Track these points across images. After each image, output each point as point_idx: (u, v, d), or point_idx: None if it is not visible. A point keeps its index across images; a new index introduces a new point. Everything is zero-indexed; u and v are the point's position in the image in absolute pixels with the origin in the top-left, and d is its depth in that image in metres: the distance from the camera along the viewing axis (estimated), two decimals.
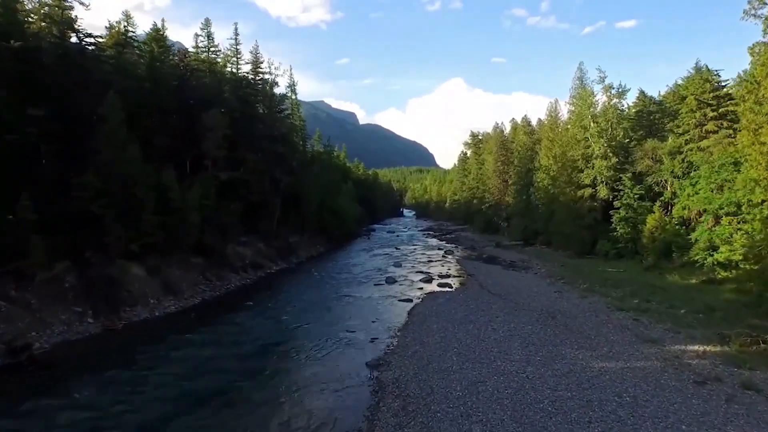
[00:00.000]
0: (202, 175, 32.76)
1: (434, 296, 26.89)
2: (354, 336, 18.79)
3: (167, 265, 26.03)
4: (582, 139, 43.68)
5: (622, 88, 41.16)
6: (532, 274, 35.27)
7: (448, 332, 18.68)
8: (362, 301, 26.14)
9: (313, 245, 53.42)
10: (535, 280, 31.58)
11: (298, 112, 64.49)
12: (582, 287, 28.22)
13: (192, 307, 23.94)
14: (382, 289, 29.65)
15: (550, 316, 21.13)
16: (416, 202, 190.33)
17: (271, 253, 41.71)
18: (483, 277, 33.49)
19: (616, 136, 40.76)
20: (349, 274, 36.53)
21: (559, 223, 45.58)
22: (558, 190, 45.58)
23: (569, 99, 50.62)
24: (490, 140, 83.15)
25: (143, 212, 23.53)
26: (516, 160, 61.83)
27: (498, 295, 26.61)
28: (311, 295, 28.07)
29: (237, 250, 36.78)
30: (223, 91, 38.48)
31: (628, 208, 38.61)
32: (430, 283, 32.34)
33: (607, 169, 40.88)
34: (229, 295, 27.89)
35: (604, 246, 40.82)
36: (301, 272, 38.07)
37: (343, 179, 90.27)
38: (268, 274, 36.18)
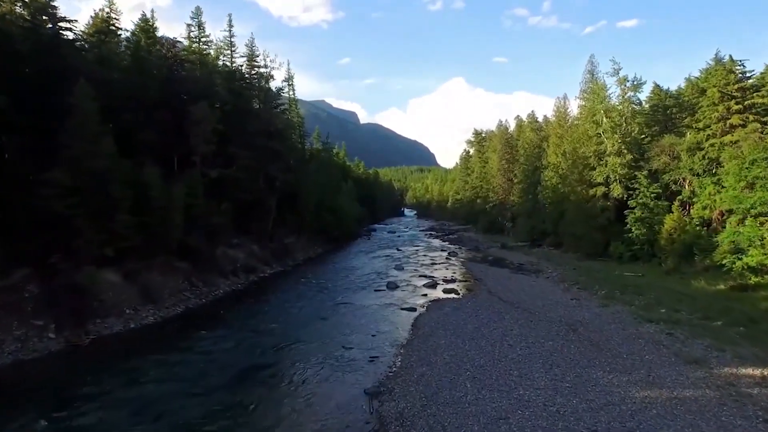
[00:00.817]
0: (191, 173, 30.50)
1: (440, 304, 24.61)
2: (351, 354, 16.50)
3: (147, 270, 23.78)
4: (594, 135, 41.38)
5: (637, 81, 38.85)
6: (543, 278, 32.98)
7: (458, 349, 16.40)
8: (361, 310, 23.85)
9: (310, 246, 51.16)
10: (548, 286, 29.29)
11: (295, 108, 62.33)
12: (600, 293, 25.96)
13: (173, 317, 21.68)
14: (382, 296, 27.38)
15: (571, 328, 18.85)
16: (417, 202, 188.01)
17: (265, 256, 39.45)
18: (491, 282, 31.20)
19: (631, 132, 38.46)
20: (347, 279, 34.26)
21: (570, 223, 43.27)
22: (568, 188, 43.28)
23: (579, 93, 48.44)
24: (494, 138, 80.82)
25: (119, 212, 21.28)
26: (522, 157, 59.50)
27: (510, 303, 24.32)
28: (306, 302, 25.81)
29: (228, 253, 34.53)
30: (215, 83, 36.22)
31: (643, 208, 36.28)
32: (434, 288, 30.06)
33: (621, 167, 38.57)
34: (216, 302, 25.63)
35: (617, 248, 38.49)
36: (297, 276, 35.80)
37: (342, 178, 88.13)
38: (261, 279, 33.92)
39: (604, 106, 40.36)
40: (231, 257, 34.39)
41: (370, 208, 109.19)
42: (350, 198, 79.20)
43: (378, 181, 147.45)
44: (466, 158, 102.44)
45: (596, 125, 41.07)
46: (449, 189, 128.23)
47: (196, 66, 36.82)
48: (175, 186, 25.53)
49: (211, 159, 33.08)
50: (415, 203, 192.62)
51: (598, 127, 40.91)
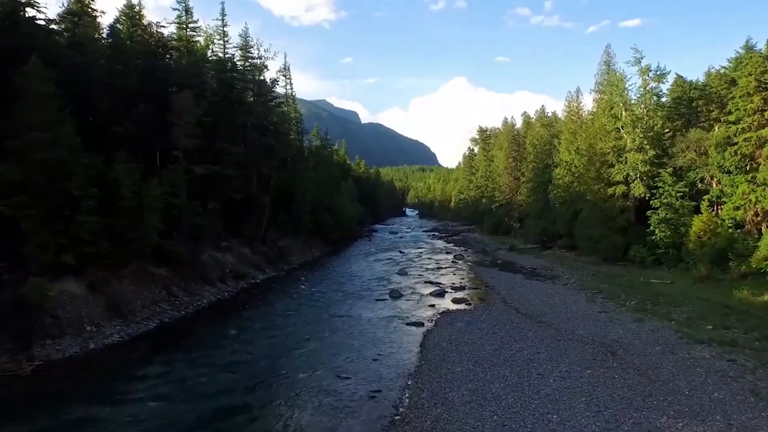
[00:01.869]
0: (173, 169, 27.60)
1: (450, 318, 21.66)
2: (347, 387, 13.54)
3: (117, 279, 20.87)
4: (612, 129, 38.37)
5: (660, 71, 35.87)
6: (560, 285, 30.02)
7: (477, 381, 13.46)
8: (360, 324, 20.91)
9: (307, 249, 48.26)
10: (568, 295, 26.32)
11: (293, 103, 59.44)
12: (629, 304, 23.00)
13: (143, 335, 18.75)
14: (385, 307, 24.45)
15: (609, 351, 15.91)
16: (419, 202, 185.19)
17: (257, 260, 36.55)
18: (505, 290, 28.25)
19: (654, 126, 35.46)
20: (345, 286, 31.32)
21: (585, 224, 40.30)
22: (584, 187, 40.30)
23: (594, 86, 45.55)
24: (501, 135, 77.85)
25: (80, 213, 18.38)
26: (532, 155, 56.49)
27: (529, 317, 21.38)
28: (298, 315, 22.89)
29: (215, 257, 31.62)
30: (203, 73, 33.26)
31: (668, 208, 33.31)
32: (442, 297, 27.11)
33: (643, 164, 35.57)
34: (197, 315, 22.72)
35: (639, 251, 35.52)
36: (291, 282, 32.89)
37: (342, 176, 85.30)
38: (251, 285, 31.00)
39: (623, 99, 37.38)
40: (219, 262, 31.49)
41: (371, 208, 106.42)
42: (350, 197, 76.34)
43: (379, 180, 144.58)
44: (470, 157, 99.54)
45: (615, 119, 38.07)
46: (452, 188, 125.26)
47: (183, 54, 33.91)
48: (149, 184, 22.56)
49: (196, 154, 30.16)
50: (417, 203, 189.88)
51: (617, 121, 37.92)
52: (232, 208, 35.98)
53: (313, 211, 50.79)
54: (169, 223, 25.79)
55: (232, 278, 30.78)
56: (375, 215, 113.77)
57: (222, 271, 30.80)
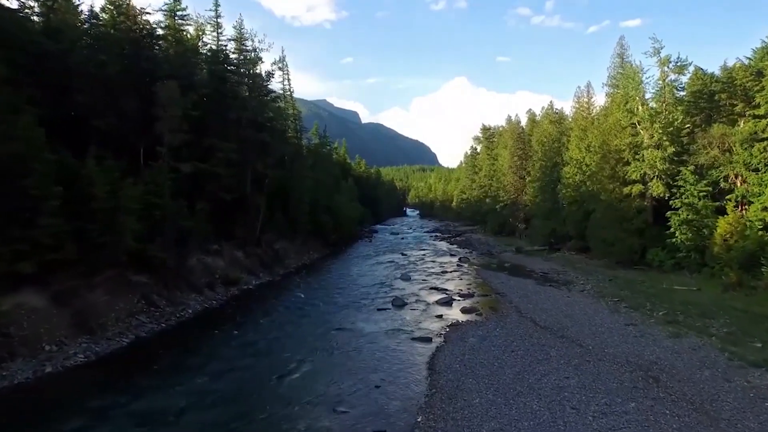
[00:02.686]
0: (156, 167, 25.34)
1: (461, 332, 19.38)
2: (344, 425, 11.27)
3: (88, 289, 18.62)
4: (628, 125, 36.11)
5: (681, 62, 33.57)
6: (577, 292, 27.77)
7: (501, 417, 11.20)
8: (360, 341, 18.64)
9: (305, 251, 46.00)
10: (587, 303, 24.06)
11: (291, 99, 57.23)
12: (658, 315, 20.79)
13: (114, 354, 16.47)
14: (387, 318, 22.18)
15: (650, 376, 13.66)
16: (420, 201, 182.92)
17: (250, 264, 34.30)
18: (517, 298, 25.99)
19: (674, 121, 33.17)
20: (344, 292, 29.06)
21: (599, 226, 38.02)
22: (597, 186, 38.03)
23: (607, 80, 43.31)
24: (505, 133, 75.60)
25: (42, 215, 16.13)
26: (539, 152, 54.20)
27: (550, 330, 19.12)
28: (290, 328, 20.62)
29: (205, 262, 29.37)
30: (192, 64, 30.97)
31: (690, 209, 31.09)
32: (450, 306, 24.85)
33: (662, 161, 33.30)
34: (178, 328, 20.44)
35: (657, 255, 33.29)
36: (286, 288, 30.64)
37: (342, 176, 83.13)
38: (243, 292, 28.75)
39: (639, 92, 35.12)
40: (208, 267, 29.24)
41: (371, 208, 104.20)
42: (350, 197, 74.09)
43: (380, 179, 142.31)
44: (473, 155, 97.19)
45: (630, 114, 35.80)
46: (454, 188, 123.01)
47: (170, 44, 31.65)
48: (129, 182, 20.28)
49: (184, 151, 27.91)
50: (418, 203, 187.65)
51: (633, 117, 35.66)
52: (224, 208, 33.74)
53: (312, 211, 48.56)
54: (152, 225, 23.54)
55: (222, 284, 28.53)
56: (375, 215, 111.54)
57: (211, 277, 28.56)
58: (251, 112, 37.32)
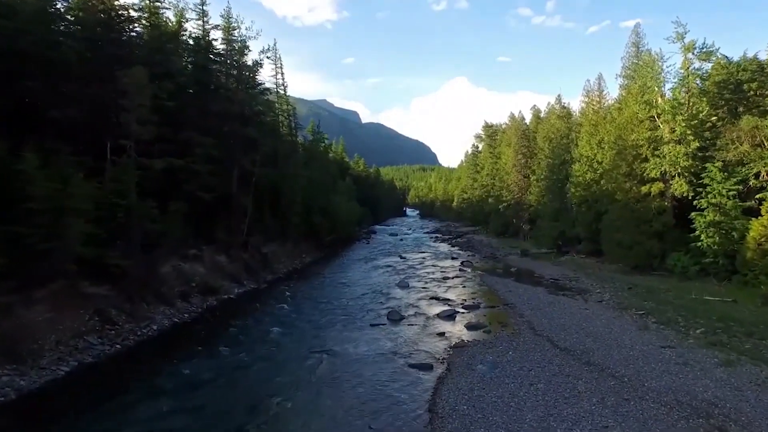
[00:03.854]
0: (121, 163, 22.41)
1: (467, 356, 16.41)
2: None
3: (25, 304, 15.69)
4: (646, 118, 33.14)
5: (707, 48, 30.59)
6: (594, 302, 24.84)
7: None
8: (348, 368, 15.68)
9: (297, 255, 43.09)
10: (610, 317, 21.08)
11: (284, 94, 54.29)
12: (695, 334, 17.83)
13: (45, 387, 13.49)
14: (381, 337, 19.25)
15: (716, 428, 10.70)
16: (420, 201, 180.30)
17: (234, 270, 31.36)
18: (529, 310, 23.05)
19: (698, 113, 30.21)
20: (335, 303, 26.13)
21: (613, 228, 35.05)
22: (612, 185, 35.08)
23: (621, 71, 40.30)
24: (508, 131, 72.61)
25: None
26: (546, 150, 51.23)
27: (572, 354, 16.17)
28: (265, 350, 17.67)
29: (181, 269, 26.45)
30: (169, 50, 28.01)
31: (717, 210, 28.14)
32: (453, 320, 21.91)
33: (685, 157, 30.35)
34: (135, 349, 17.48)
35: (679, 260, 30.28)
36: (271, 297, 27.69)
37: (340, 175, 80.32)
38: (222, 303, 25.82)
39: (660, 82, 32.17)
40: (185, 274, 26.32)
41: (370, 208, 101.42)
42: (348, 197, 71.24)
43: (379, 179, 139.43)
44: (475, 154, 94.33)
45: (648, 106, 32.84)
46: (454, 188, 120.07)
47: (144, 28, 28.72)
48: (77, 179, 17.32)
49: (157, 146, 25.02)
50: (418, 203, 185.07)
51: (652, 109, 32.70)
52: (206, 209, 30.83)
53: (305, 212, 45.68)
54: (114, 229, 20.64)
55: (198, 294, 25.59)
56: (375, 215, 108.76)
57: (187, 286, 25.62)
58: (237, 105, 34.47)
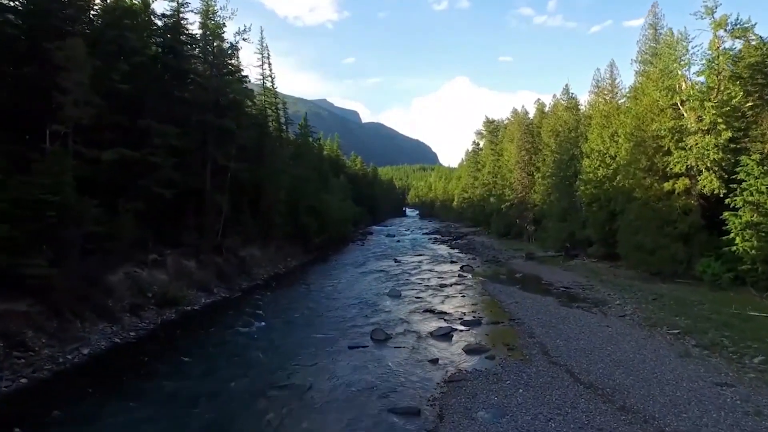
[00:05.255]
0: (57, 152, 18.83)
1: (465, 395, 12.74)
2: None
3: None
4: (668, 106, 29.47)
5: (740, 24, 26.93)
6: (615, 316, 21.23)
7: None
8: (306, 415, 12.06)
9: (281, 258, 39.49)
10: (639, 339, 17.42)
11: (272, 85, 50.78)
12: (754, 363, 14.18)
13: None
14: (359, 364, 15.62)
15: None
16: (420, 201, 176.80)
17: (204, 277, 27.78)
18: (540, 328, 19.40)
19: (731, 99, 26.56)
20: (314, 316, 22.53)
21: (631, 229, 31.41)
22: (630, 181, 31.45)
23: (637, 55, 36.62)
24: (511, 126, 69.04)
25: None
26: (553, 145, 47.58)
27: (601, 393, 12.52)
28: (213, 384, 14.04)
29: (137, 277, 22.86)
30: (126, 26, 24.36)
31: (755, 209, 24.46)
32: (449, 341, 18.27)
33: (715, 149, 26.69)
34: (48, 383, 13.86)
35: (709, 266, 26.55)
36: (242, 309, 24.05)
37: (334, 173, 76.84)
38: (182, 316, 22.21)
39: (684, 65, 28.52)
40: (140, 283, 22.71)
41: (368, 208, 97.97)
42: (343, 196, 67.76)
43: (377, 178, 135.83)
44: (476, 152, 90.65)
45: (671, 92, 29.18)
46: (455, 187, 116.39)
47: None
48: None
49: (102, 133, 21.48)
50: (418, 202, 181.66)
51: (675, 95, 29.03)
52: (173, 208, 27.31)
53: (290, 211, 42.10)
54: (41, 231, 17.08)
55: (154, 306, 21.99)
56: (372, 215, 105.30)
57: (142, 297, 22.04)
58: (212, 93, 30.92)
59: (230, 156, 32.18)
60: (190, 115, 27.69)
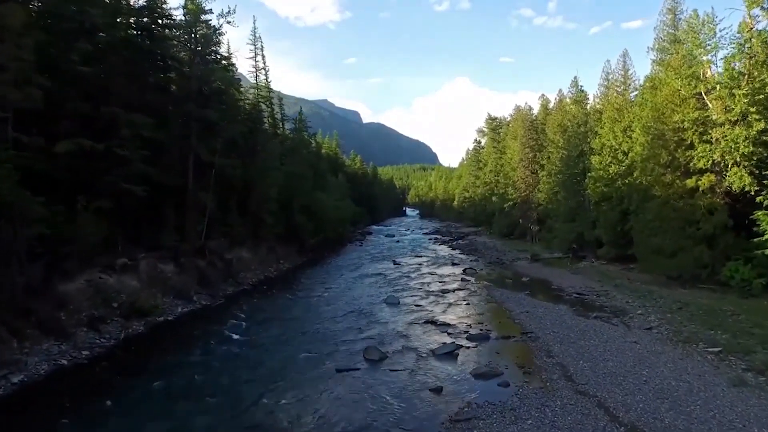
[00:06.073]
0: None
1: None
2: None
3: None
4: (691, 95, 26.90)
5: None
6: (640, 329, 18.71)
7: None
8: None
9: (272, 261, 36.96)
10: (676, 360, 14.87)
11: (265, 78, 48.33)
12: None
13: None
14: (347, 394, 13.07)
15: None
16: (420, 201, 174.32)
17: (183, 282, 25.23)
18: (558, 345, 16.85)
19: (766, 85, 23.97)
20: (299, 330, 19.94)
21: (648, 230, 28.90)
22: (648, 178, 28.90)
23: (654, 43, 34.10)
24: (514, 123, 66.42)
25: None
26: (561, 141, 45.00)
27: None
28: (166, 421, 11.50)
29: (102, 285, 20.28)
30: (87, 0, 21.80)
31: None
32: (453, 361, 15.69)
33: (746, 142, 24.12)
34: None
35: (737, 271, 23.98)
36: (223, 318, 21.49)
37: (332, 171, 74.37)
38: (152, 328, 19.64)
39: (712, 49, 25.97)
40: (105, 292, 20.13)
41: (367, 208, 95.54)
42: (341, 195, 65.28)
43: (377, 177, 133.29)
44: (477, 150, 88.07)
45: (695, 80, 26.62)
46: (455, 186, 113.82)
47: None
48: None
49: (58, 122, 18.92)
50: (418, 202, 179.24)
51: (699, 84, 26.47)
52: (149, 207, 24.75)
53: (283, 210, 39.55)
54: None
55: (120, 318, 19.43)
56: (372, 215, 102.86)
57: (106, 308, 19.48)
58: (195, 81, 28.38)
59: (215, 150, 29.62)
60: (167, 104, 25.10)
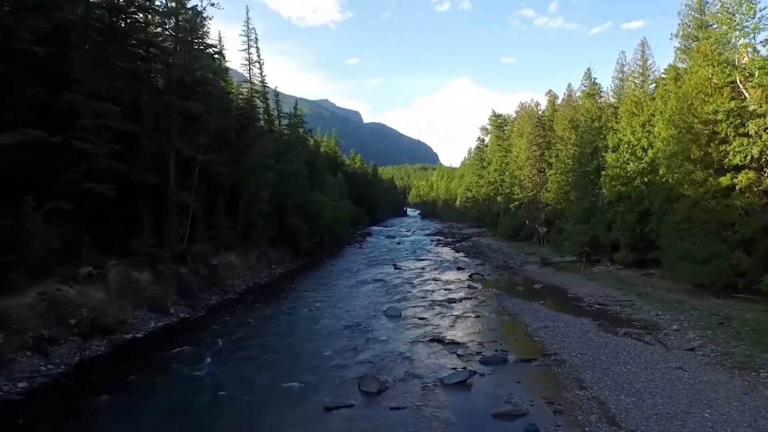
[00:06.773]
0: None
1: None
2: None
3: None
4: (724, 84, 24.21)
5: None
6: (680, 350, 16.11)
7: None
8: None
9: (264, 266, 34.32)
10: (738, 392, 12.22)
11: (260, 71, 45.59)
12: None
13: None
14: None
15: None
16: (421, 201, 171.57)
17: (160, 292, 22.59)
18: (589, 372, 14.17)
19: None
20: (284, 352, 17.27)
21: (676, 233, 26.18)
22: (676, 175, 26.19)
23: (678, 29, 31.39)
24: (521, 119, 63.65)
25: None
26: (573, 136, 42.29)
27: None
28: None
29: (60, 298, 17.63)
30: None
31: None
32: (466, 392, 13.02)
33: None
34: None
35: None
36: (200, 335, 18.86)
37: (331, 170, 71.72)
38: (117, 348, 17.03)
39: (750, 32, 23.30)
40: (62, 306, 17.48)
41: (367, 208, 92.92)
42: (340, 196, 62.62)
43: (377, 177, 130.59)
44: (480, 148, 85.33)
45: (728, 67, 23.95)
46: (458, 186, 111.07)
47: None
48: None
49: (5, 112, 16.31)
50: (419, 202, 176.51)
51: (733, 71, 23.80)
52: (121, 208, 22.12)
53: (276, 212, 36.91)
54: None
55: (77, 337, 16.79)
56: (372, 216, 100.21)
57: (60, 326, 16.83)
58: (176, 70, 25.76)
59: (199, 146, 27.02)
60: (137, 91, 22.50)
